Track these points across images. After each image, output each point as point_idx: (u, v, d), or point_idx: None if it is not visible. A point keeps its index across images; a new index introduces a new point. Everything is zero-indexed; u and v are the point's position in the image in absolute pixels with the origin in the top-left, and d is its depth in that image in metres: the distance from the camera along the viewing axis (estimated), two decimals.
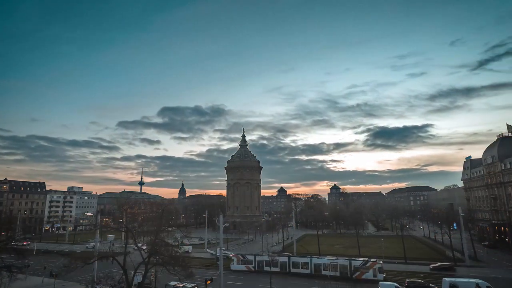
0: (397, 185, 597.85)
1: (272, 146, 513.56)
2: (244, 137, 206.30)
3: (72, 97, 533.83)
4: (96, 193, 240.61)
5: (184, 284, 51.04)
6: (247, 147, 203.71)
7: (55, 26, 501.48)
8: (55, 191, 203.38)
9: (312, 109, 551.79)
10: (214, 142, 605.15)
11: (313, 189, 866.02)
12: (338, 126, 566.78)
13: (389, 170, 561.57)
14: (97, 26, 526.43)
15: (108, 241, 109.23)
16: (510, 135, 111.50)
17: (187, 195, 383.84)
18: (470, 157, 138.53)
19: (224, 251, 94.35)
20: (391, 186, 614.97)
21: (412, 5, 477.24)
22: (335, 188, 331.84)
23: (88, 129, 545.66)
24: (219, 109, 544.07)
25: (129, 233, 47.59)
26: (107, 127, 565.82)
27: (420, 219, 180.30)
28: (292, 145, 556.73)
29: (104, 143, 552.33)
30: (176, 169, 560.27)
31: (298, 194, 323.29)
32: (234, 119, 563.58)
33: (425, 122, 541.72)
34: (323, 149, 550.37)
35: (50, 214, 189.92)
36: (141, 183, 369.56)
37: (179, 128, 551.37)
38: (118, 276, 51.65)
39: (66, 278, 57.75)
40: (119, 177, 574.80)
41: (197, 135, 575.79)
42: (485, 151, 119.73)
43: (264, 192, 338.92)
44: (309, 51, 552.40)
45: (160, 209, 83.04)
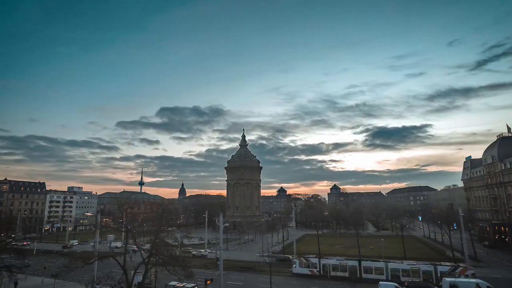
0: (396, 185, 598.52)
1: (271, 146, 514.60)
2: (244, 137, 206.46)
3: (70, 97, 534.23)
4: (96, 193, 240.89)
5: (184, 284, 51.03)
6: (247, 147, 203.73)
7: (54, 26, 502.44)
8: (55, 191, 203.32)
9: (311, 109, 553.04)
10: (213, 142, 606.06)
11: (312, 189, 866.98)
12: (337, 126, 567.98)
13: (388, 170, 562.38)
14: (96, 26, 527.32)
15: (108, 241, 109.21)
16: (510, 135, 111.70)
17: (187, 195, 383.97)
18: (470, 157, 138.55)
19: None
20: (390, 186, 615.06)
21: (410, 6, 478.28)
22: (335, 188, 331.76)
23: (87, 129, 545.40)
24: (217, 109, 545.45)
25: (129, 233, 47.59)
26: (106, 127, 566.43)
27: (420, 219, 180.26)
28: (291, 145, 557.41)
29: (103, 143, 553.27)
30: (176, 169, 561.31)
31: (298, 194, 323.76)
32: (233, 119, 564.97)
33: (424, 122, 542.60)
34: (322, 149, 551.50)
35: (50, 214, 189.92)
36: (141, 183, 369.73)
37: (178, 128, 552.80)
38: (118, 276, 51.66)
39: (66, 278, 57.75)
40: (118, 177, 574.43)
41: (196, 135, 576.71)
42: (485, 151, 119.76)
43: (264, 192, 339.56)
44: (308, 51, 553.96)
45: (160, 209, 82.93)
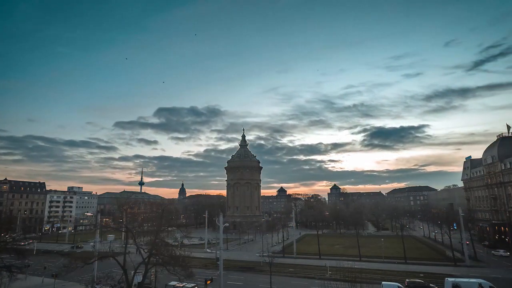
0: (396, 185, 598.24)
1: (270, 146, 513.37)
2: (244, 137, 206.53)
3: (68, 97, 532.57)
4: (96, 193, 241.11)
5: (184, 284, 51.07)
6: (247, 147, 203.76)
7: (53, 26, 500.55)
8: (55, 191, 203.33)
9: (308, 109, 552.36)
10: (211, 142, 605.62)
11: (312, 189, 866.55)
12: (335, 126, 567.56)
13: (387, 170, 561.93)
14: (94, 26, 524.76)
15: (108, 241, 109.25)
16: (510, 135, 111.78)
17: (187, 195, 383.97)
18: (470, 157, 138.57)
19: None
20: (390, 186, 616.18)
21: (407, 6, 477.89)
22: (335, 188, 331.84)
23: (85, 130, 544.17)
24: (215, 109, 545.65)
25: (129, 233, 47.58)
26: (104, 128, 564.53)
27: (420, 219, 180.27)
28: (290, 145, 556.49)
29: (102, 143, 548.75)
30: (175, 169, 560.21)
31: (298, 194, 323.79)
32: (231, 120, 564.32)
33: (421, 123, 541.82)
34: (320, 149, 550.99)
35: (50, 214, 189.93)
36: (141, 183, 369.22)
37: (175, 129, 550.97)
38: (118, 276, 51.68)
39: (66, 278, 57.75)
40: (117, 177, 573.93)
41: (194, 135, 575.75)
42: (485, 151, 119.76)
43: (264, 192, 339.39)
44: (305, 51, 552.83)
45: (160, 209, 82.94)
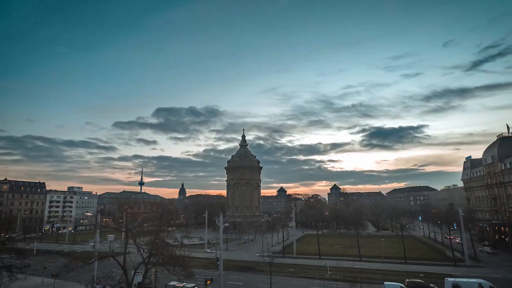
0: (395, 185, 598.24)
1: (269, 146, 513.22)
2: (244, 137, 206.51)
3: (67, 97, 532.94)
4: (96, 193, 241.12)
5: (184, 284, 51.06)
6: (247, 147, 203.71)
7: (52, 26, 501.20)
8: (55, 191, 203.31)
9: (307, 109, 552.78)
10: (210, 142, 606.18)
11: (312, 189, 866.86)
12: (334, 126, 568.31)
13: (387, 170, 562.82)
14: (93, 26, 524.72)
15: (108, 241, 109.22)
16: (510, 135, 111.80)
17: (187, 195, 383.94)
18: (470, 157, 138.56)
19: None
20: (389, 186, 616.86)
21: (405, 7, 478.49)
22: (335, 188, 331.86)
23: (84, 130, 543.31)
24: (213, 109, 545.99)
25: (129, 233, 47.58)
26: (102, 128, 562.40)
27: (420, 219, 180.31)
28: (289, 145, 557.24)
29: (101, 143, 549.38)
30: (174, 169, 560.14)
31: (298, 194, 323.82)
32: (229, 120, 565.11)
33: (420, 123, 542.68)
34: (320, 149, 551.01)
35: (50, 214, 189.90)
36: (141, 183, 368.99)
37: (174, 129, 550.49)
38: (118, 276, 51.68)
39: (66, 278, 57.73)
40: (117, 177, 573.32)
41: (193, 135, 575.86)
42: (485, 151, 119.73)
43: (264, 192, 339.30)
44: (303, 51, 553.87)
45: (160, 209, 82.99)
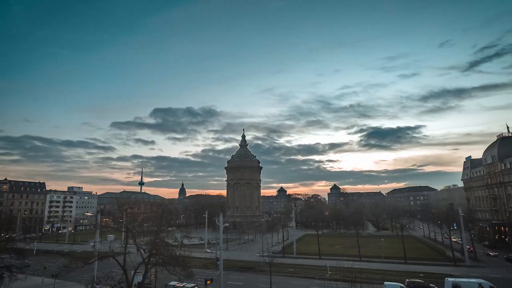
0: (395, 185, 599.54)
1: (267, 147, 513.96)
2: (244, 137, 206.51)
3: (64, 98, 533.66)
4: (96, 193, 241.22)
5: (184, 284, 51.06)
6: (247, 147, 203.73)
7: (50, 27, 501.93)
8: (55, 191, 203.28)
9: (305, 110, 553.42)
10: (209, 142, 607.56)
11: (311, 189, 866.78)
12: (332, 126, 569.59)
13: (385, 170, 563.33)
14: (90, 27, 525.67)
15: (108, 241, 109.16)
16: (510, 135, 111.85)
17: (187, 195, 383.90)
18: (470, 157, 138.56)
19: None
20: (389, 186, 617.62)
21: (401, 7, 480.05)
22: (335, 188, 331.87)
23: (81, 130, 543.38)
24: (210, 110, 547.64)
25: (129, 233, 47.57)
26: (100, 128, 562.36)
27: (420, 219, 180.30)
28: (287, 145, 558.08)
29: (99, 143, 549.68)
30: (173, 169, 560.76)
31: (298, 194, 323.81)
32: (227, 120, 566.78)
33: (418, 123, 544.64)
34: (318, 149, 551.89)
35: (50, 214, 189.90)
36: (141, 183, 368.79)
37: (172, 129, 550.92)
38: (118, 276, 51.65)
39: (66, 278, 57.72)
40: (116, 177, 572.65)
41: (191, 135, 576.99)
42: (485, 151, 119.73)
43: (264, 192, 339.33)
44: (300, 52, 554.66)
45: (160, 209, 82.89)
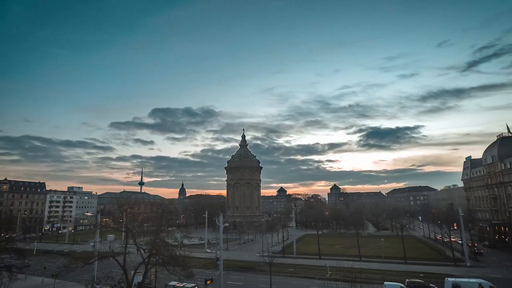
0: (394, 185, 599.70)
1: (266, 147, 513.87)
2: (244, 137, 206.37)
3: (63, 98, 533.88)
4: (96, 193, 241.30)
5: (184, 284, 51.05)
6: (247, 147, 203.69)
7: (50, 27, 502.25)
8: (55, 191, 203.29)
9: (304, 110, 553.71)
10: (208, 142, 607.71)
11: (311, 189, 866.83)
12: (331, 126, 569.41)
13: (385, 170, 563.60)
14: (90, 27, 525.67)
15: (108, 241, 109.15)
16: (510, 135, 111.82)
17: (187, 195, 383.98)
18: (470, 157, 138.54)
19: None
20: (388, 186, 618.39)
21: (399, 7, 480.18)
22: (335, 188, 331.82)
23: (80, 130, 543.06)
24: (209, 110, 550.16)
25: (129, 233, 47.56)
26: (99, 128, 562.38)
27: (420, 219, 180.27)
28: (287, 145, 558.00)
29: (98, 144, 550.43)
30: (173, 169, 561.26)
31: (297, 194, 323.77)
32: (226, 120, 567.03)
33: (417, 123, 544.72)
34: (318, 149, 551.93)
35: (50, 214, 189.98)
36: (141, 183, 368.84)
37: (171, 129, 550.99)
38: (118, 276, 51.65)
39: (66, 278, 57.72)
40: (116, 177, 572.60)
41: (190, 135, 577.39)
42: (485, 151, 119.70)
43: (264, 192, 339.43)
44: (300, 52, 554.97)
45: (160, 209, 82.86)
